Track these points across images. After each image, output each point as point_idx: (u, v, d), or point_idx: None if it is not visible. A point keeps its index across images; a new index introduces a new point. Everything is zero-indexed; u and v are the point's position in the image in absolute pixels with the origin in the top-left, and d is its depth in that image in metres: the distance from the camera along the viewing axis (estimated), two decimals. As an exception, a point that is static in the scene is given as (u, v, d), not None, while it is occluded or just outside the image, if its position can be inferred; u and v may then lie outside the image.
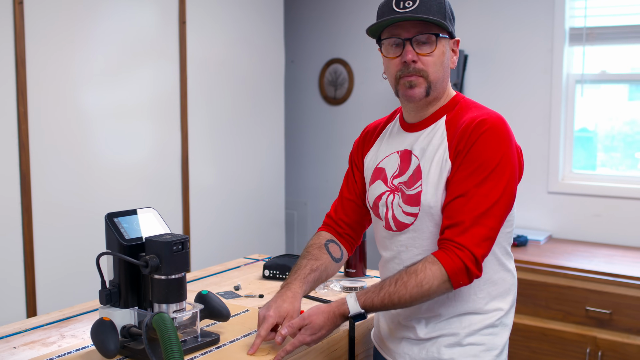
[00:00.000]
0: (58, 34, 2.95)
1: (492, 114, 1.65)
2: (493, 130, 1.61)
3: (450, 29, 1.67)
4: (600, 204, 3.94)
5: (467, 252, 1.57)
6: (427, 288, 1.58)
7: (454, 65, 1.73)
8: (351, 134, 4.82)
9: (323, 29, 4.90)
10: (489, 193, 1.59)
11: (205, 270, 2.60)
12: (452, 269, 1.57)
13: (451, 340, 1.71)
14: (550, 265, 3.42)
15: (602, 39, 3.95)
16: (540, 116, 4.07)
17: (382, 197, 1.80)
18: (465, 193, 1.59)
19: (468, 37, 4.17)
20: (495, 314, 1.73)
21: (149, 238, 1.65)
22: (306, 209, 5.03)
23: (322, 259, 1.89)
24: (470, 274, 1.58)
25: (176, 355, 1.38)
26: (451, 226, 1.60)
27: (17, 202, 2.83)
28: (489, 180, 1.59)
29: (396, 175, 1.77)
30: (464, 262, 1.57)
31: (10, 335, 1.85)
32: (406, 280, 1.59)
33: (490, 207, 1.59)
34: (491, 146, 1.60)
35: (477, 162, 1.60)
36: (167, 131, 3.52)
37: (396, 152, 1.79)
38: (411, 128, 1.78)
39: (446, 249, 1.59)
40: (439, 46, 1.66)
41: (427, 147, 1.72)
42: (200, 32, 3.66)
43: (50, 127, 2.95)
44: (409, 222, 1.73)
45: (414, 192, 1.71)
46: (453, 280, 1.58)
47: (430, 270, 1.58)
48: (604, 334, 3.27)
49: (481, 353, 1.71)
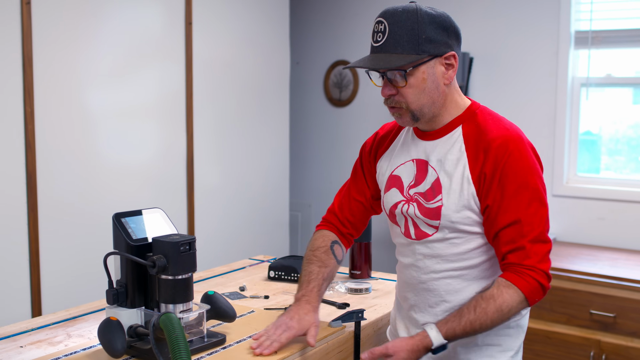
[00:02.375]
0: (65, 34, 2.96)
1: (511, 132, 1.67)
2: (517, 150, 1.64)
3: (430, 52, 1.63)
4: (605, 208, 3.94)
5: (539, 271, 1.63)
6: (507, 311, 1.62)
7: (448, 81, 1.69)
8: (356, 136, 4.82)
9: (328, 30, 4.90)
10: (537, 212, 1.64)
11: (211, 271, 2.61)
12: (528, 290, 1.62)
13: (467, 340, 1.72)
14: (554, 269, 3.41)
15: (608, 43, 3.95)
16: (545, 119, 4.08)
17: (398, 206, 1.80)
18: (517, 220, 1.63)
19: (473, 40, 4.18)
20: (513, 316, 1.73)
21: (156, 238, 1.65)
22: (310, 210, 5.04)
23: (330, 265, 1.90)
24: (545, 289, 1.65)
25: (183, 355, 1.39)
26: (515, 250, 1.63)
27: (23, 201, 2.84)
28: (532, 201, 1.64)
29: (412, 185, 1.77)
30: (538, 282, 1.62)
31: (17, 334, 1.86)
32: (485, 307, 1.61)
33: (543, 224, 1.65)
34: (521, 166, 1.64)
35: (514, 186, 1.63)
36: (172, 132, 3.53)
37: (412, 160, 1.79)
38: (425, 136, 1.78)
39: (518, 272, 1.63)
40: (415, 76, 1.65)
41: (444, 160, 1.71)
42: (206, 33, 3.66)
43: (57, 127, 2.96)
44: (430, 232, 1.74)
45: (434, 205, 1.71)
46: (530, 300, 1.63)
47: (507, 294, 1.61)
48: (608, 337, 3.27)
49: (497, 354, 1.73)
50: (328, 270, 1.88)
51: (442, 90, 1.70)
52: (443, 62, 1.67)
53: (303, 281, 1.86)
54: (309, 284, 1.84)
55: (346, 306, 2.12)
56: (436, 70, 1.67)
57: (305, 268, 1.89)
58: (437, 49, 1.65)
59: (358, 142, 4.84)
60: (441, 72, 1.68)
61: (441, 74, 1.68)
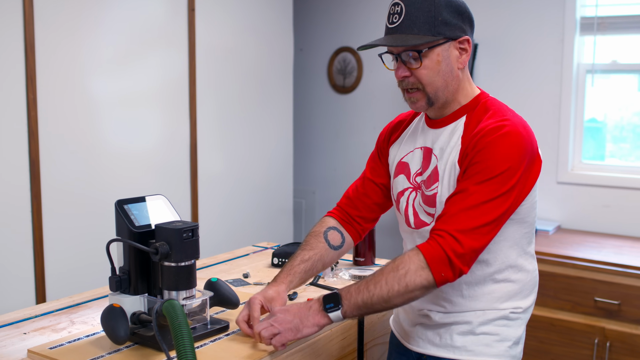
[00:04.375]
0: (67, 21, 2.95)
1: (507, 122, 1.61)
2: (503, 138, 1.58)
3: (445, 35, 1.63)
4: (610, 195, 3.93)
5: (449, 238, 1.53)
6: (403, 273, 1.54)
7: (462, 66, 1.68)
8: (360, 123, 4.81)
9: (332, 17, 4.88)
10: (485, 192, 1.55)
11: (214, 258, 2.61)
12: (430, 255, 1.53)
13: (464, 328, 1.71)
14: (559, 256, 3.41)
15: (614, 29, 3.92)
16: (550, 106, 4.05)
17: (404, 193, 1.80)
18: (463, 189, 1.57)
19: (478, 26, 4.14)
20: (512, 309, 1.72)
21: (159, 225, 1.64)
22: (314, 197, 5.03)
23: (316, 248, 1.87)
24: (452, 263, 1.52)
25: (186, 342, 1.38)
26: (442, 216, 1.58)
27: (27, 188, 2.83)
28: (490, 183, 1.56)
29: (418, 173, 1.77)
30: (443, 249, 1.52)
31: (20, 321, 1.85)
32: (383, 268, 1.58)
33: (484, 203, 1.55)
34: (499, 153, 1.57)
35: (482, 166, 1.57)
36: (175, 119, 3.52)
37: (420, 148, 1.78)
38: (434, 124, 1.77)
39: (430, 237, 1.58)
40: (429, 57, 1.64)
41: (445, 148, 1.71)
42: (209, 19, 3.64)
43: (60, 114, 2.95)
44: (428, 221, 1.73)
45: (431, 193, 1.71)
46: (433, 269, 1.52)
47: (407, 255, 1.56)
48: (612, 324, 3.27)
49: (494, 343, 1.71)
50: (312, 252, 1.86)
51: (456, 74, 1.69)
52: (457, 46, 1.66)
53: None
54: (284, 266, 1.85)
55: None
56: (451, 54, 1.66)
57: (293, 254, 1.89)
58: (452, 32, 1.64)
59: (362, 128, 4.85)
60: (455, 56, 1.67)
61: (455, 58, 1.67)
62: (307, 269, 1.84)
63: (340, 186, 4.89)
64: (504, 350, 1.72)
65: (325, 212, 2.02)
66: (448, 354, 1.72)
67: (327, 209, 4.96)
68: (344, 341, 1.87)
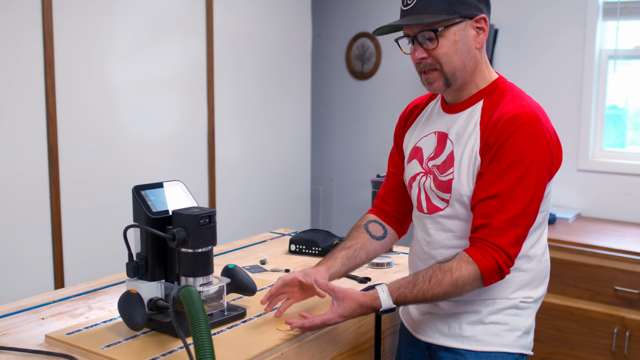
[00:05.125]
0: (85, 6, 2.95)
1: (526, 108, 1.61)
2: (525, 126, 1.58)
3: (461, 13, 1.62)
4: (631, 183, 3.88)
5: (502, 254, 1.57)
6: (461, 286, 1.59)
7: (480, 45, 1.67)
8: (378, 109, 4.78)
9: (350, 2, 4.84)
10: (523, 193, 1.58)
11: (231, 244, 2.61)
12: (486, 270, 1.57)
13: (473, 317, 1.70)
14: (579, 244, 3.38)
15: (637, 14, 3.85)
16: (571, 93, 4.00)
17: (417, 177, 1.79)
18: (500, 194, 1.58)
19: (499, 12, 4.10)
20: (522, 299, 1.71)
21: (176, 211, 1.64)
22: (332, 184, 5.02)
23: (358, 238, 1.89)
24: (502, 273, 1.59)
25: (203, 328, 1.38)
26: (485, 226, 1.59)
27: (45, 174, 2.84)
28: (523, 180, 1.57)
29: (431, 157, 1.75)
30: (498, 263, 1.57)
31: (38, 306, 1.86)
32: (441, 279, 1.59)
33: (525, 207, 1.58)
34: (524, 144, 1.57)
35: (509, 160, 1.57)
36: (193, 105, 3.52)
37: (434, 132, 1.77)
38: (450, 109, 1.75)
39: (481, 248, 1.58)
40: (446, 37, 1.63)
41: (462, 133, 1.69)
42: (226, 5, 3.63)
43: (78, 100, 2.96)
44: (441, 207, 1.72)
45: (446, 178, 1.69)
46: (485, 280, 1.59)
47: (465, 269, 1.58)
48: (632, 314, 3.23)
49: (504, 332, 1.70)
50: (353, 242, 1.88)
51: (474, 54, 1.67)
52: (474, 25, 1.65)
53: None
54: (328, 254, 1.86)
55: (367, 280, 2.11)
56: (467, 33, 1.65)
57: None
58: (468, 10, 1.63)
59: (380, 115, 4.82)
60: (472, 36, 1.66)
61: (473, 37, 1.66)
62: (348, 256, 1.85)
63: (358, 173, 4.87)
64: (514, 340, 1.70)
65: (343, 199, 2.02)
66: (457, 343, 1.71)
67: (344, 195, 4.97)
68: (361, 329, 1.86)
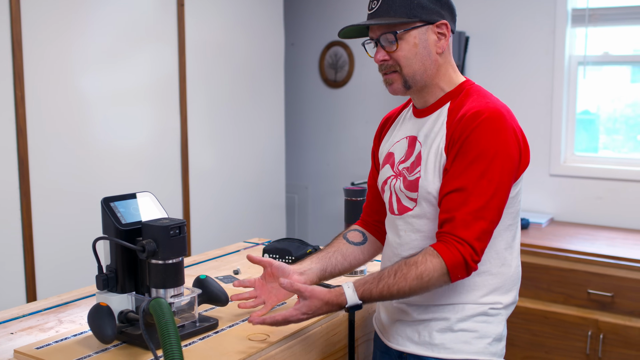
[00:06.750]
0: (55, 17, 2.92)
1: (490, 105, 1.63)
2: (488, 121, 1.60)
3: (422, 18, 1.66)
4: (602, 187, 3.92)
5: (468, 247, 1.57)
6: (426, 280, 1.58)
7: (441, 50, 1.70)
8: (352, 117, 4.79)
9: (323, 11, 4.86)
10: (487, 186, 1.58)
11: (205, 255, 2.59)
12: (452, 263, 1.57)
13: (442, 325, 1.70)
14: (552, 248, 3.40)
15: (605, 20, 3.90)
16: (542, 98, 4.04)
17: (388, 181, 1.81)
18: (463, 187, 1.58)
19: (469, 19, 4.13)
20: (492, 305, 1.71)
21: (145, 222, 1.63)
22: (307, 192, 5.01)
23: (333, 244, 1.94)
24: (469, 268, 1.59)
25: (173, 340, 1.37)
26: (450, 220, 1.59)
27: (16, 187, 2.81)
28: (487, 173, 1.58)
29: (402, 161, 1.78)
30: (463, 257, 1.57)
31: (7, 320, 1.84)
32: (406, 272, 1.59)
33: (489, 200, 1.58)
34: (486, 138, 1.59)
35: (473, 154, 1.59)
36: (166, 115, 3.50)
37: (405, 137, 1.80)
38: (419, 114, 1.78)
39: (446, 242, 1.58)
40: (406, 40, 1.67)
41: (429, 134, 1.72)
42: (198, 14, 3.62)
43: (48, 111, 2.93)
44: (410, 206, 1.73)
45: (413, 177, 1.71)
46: (452, 274, 1.58)
47: (430, 262, 1.58)
48: (605, 316, 3.26)
49: (473, 340, 1.70)
50: (328, 247, 1.93)
51: (435, 58, 1.71)
52: (435, 30, 1.69)
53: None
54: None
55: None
56: (428, 37, 1.69)
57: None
58: (428, 15, 1.67)
59: (354, 122, 4.83)
60: (433, 40, 1.69)
61: (433, 42, 1.69)
62: (320, 256, 1.88)
63: (332, 180, 4.88)
64: (484, 347, 1.70)
65: (318, 207, 2.05)
66: (427, 351, 1.72)
67: (319, 203, 4.97)
68: (334, 337, 1.86)
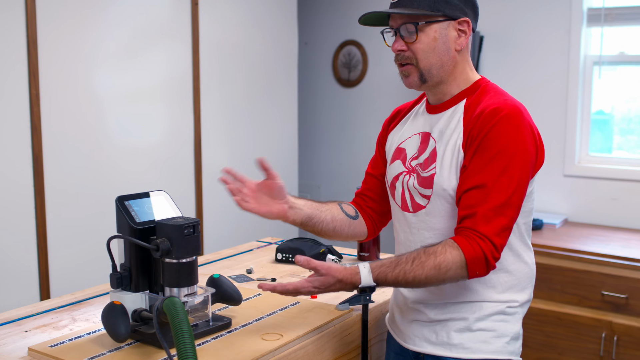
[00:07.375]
0: (70, 16, 2.93)
1: (508, 102, 1.63)
2: (507, 118, 1.59)
3: (445, 13, 1.65)
4: (617, 188, 3.90)
5: (488, 242, 1.56)
6: (444, 271, 1.56)
7: (460, 47, 1.69)
8: (365, 117, 4.78)
9: (337, 10, 4.85)
10: (508, 183, 1.58)
11: (218, 254, 2.59)
12: (471, 257, 1.55)
13: (461, 325, 1.70)
14: (566, 249, 3.38)
15: (621, 20, 3.88)
16: (556, 98, 4.02)
17: (399, 177, 1.80)
18: (484, 184, 1.58)
19: (484, 18, 4.11)
20: (509, 303, 1.71)
21: (159, 221, 1.63)
22: (320, 192, 5.01)
23: (329, 204, 1.94)
24: (488, 264, 1.57)
25: (187, 339, 1.37)
26: (471, 216, 1.58)
27: (30, 185, 2.82)
28: (507, 170, 1.58)
29: (415, 157, 1.77)
30: (484, 252, 1.55)
31: (22, 318, 1.85)
32: (424, 261, 1.58)
33: (510, 197, 1.58)
34: (506, 135, 1.59)
35: (493, 151, 1.59)
36: (179, 114, 3.50)
37: (418, 133, 1.79)
38: (433, 110, 1.77)
39: (467, 236, 1.57)
40: (426, 33, 1.66)
41: (445, 130, 1.71)
42: (212, 13, 3.62)
43: (63, 109, 2.94)
44: (423, 204, 1.72)
45: (428, 174, 1.70)
46: (470, 269, 1.57)
47: (450, 254, 1.56)
48: (619, 318, 3.24)
49: (491, 339, 1.69)
50: (326, 207, 1.93)
51: (453, 55, 1.70)
52: (456, 27, 1.68)
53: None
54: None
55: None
56: (449, 33, 1.68)
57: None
58: (451, 11, 1.66)
59: (367, 122, 4.82)
60: (453, 37, 1.69)
61: (453, 38, 1.69)
62: (314, 206, 1.90)
63: (345, 180, 4.87)
64: (502, 346, 1.70)
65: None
66: (445, 352, 1.71)
67: (332, 203, 4.95)
68: (348, 337, 1.86)
